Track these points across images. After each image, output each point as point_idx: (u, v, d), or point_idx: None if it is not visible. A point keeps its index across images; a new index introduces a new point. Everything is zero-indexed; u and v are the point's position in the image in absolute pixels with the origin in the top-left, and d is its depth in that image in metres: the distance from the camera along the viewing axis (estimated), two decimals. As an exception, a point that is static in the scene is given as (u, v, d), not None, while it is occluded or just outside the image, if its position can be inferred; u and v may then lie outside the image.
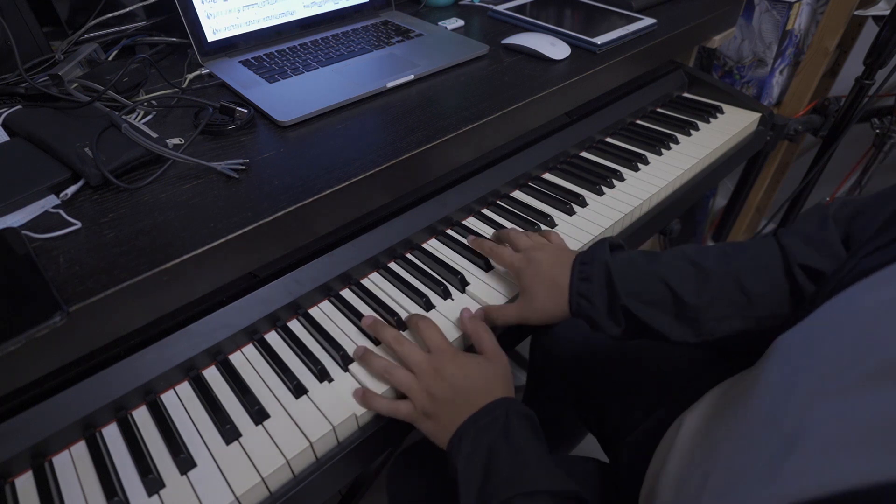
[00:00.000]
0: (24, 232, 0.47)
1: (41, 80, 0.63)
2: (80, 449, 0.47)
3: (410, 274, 0.63)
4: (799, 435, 0.30)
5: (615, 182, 0.78)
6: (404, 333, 0.55)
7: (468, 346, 0.56)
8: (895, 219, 0.38)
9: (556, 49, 0.78)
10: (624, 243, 0.56)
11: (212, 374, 0.53)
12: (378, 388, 0.51)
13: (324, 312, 0.59)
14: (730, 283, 0.49)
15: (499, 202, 0.74)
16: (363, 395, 0.50)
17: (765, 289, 0.49)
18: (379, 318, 0.56)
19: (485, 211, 0.73)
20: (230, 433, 0.47)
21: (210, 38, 0.72)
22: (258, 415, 0.48)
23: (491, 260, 0.63)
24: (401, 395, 0.51)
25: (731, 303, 0.49)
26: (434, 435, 0.49)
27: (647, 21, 0.86)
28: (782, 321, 0.49)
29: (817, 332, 0.35)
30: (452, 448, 0.46)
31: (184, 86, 0.69)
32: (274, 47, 0.76)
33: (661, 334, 0.51)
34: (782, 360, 0.37)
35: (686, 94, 1.01)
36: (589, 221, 0.71)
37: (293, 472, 0.47)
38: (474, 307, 0.58)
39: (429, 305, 0.59)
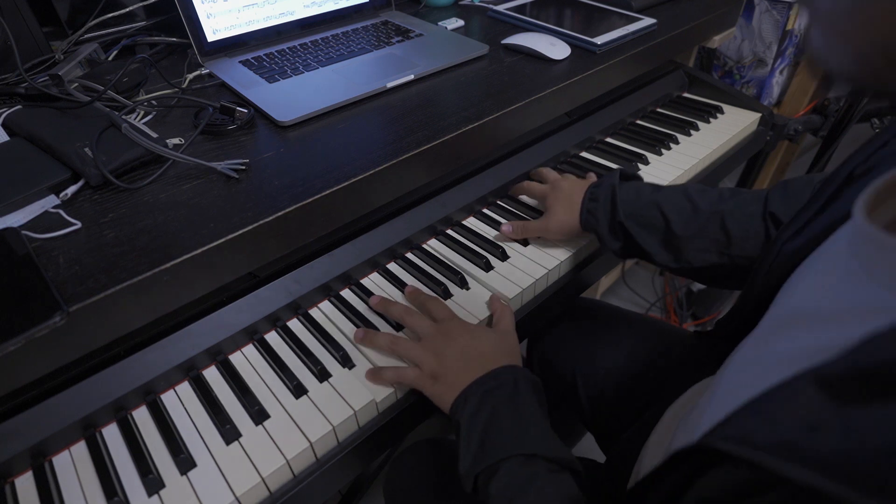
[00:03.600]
0: (24, 232, 0.47)
1: (41, 80, 0.63)
2: (80, 449, 0.47)
3: (410, 274, 0.63)
4: (716, 391, 0.33)
5: (615, 182, 0.78)
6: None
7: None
8: (810, 202, 0.41)
9: (556, 49, 0.78)
10: (637, 174, 0.65)
11: (212, 374, 0.53)
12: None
13: (324, 312, 0.59)
14: (715, 221, 0.55)
15: (499, 202, 0.74)
16: (372, 374, 0.51)
17: (743, 232, 0.54)
18: (385, 297, 0.59)
19: (485, 211, 0.73)
20: (230, 433, 0.47)
21: (210, 38, 0.72)
22: (258, 415, 0.48)
23: (527, 196, 0.73)
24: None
25: (711, 240, 0.55)
26: (440, 396, 0.49)
27: (647, 21, 0.86)
28: (752, 263, 0.53)
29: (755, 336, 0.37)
30: (457, 406, 0.47)
31: (184, 86, 0.69)
32: (274, 47, 0.76)
33: (648, 254, 0.59)
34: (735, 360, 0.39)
35: (686, 94, 1.01)
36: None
37: (293, 472, 0.47)
38: (474, 307, 0.58)
39: (429, 305, 0.59)
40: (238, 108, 0.62)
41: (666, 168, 0.81)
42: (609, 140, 0.88)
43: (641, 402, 0.63)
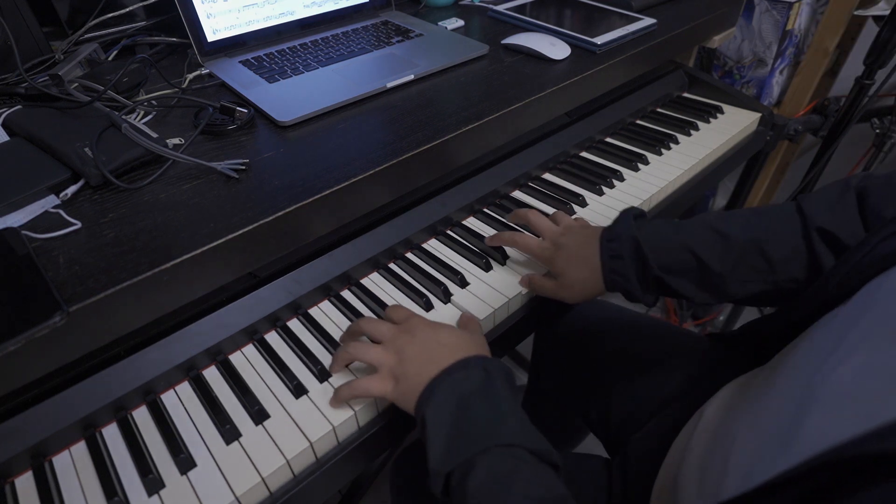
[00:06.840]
0: (24, 232, 0.47)
1: (41, 80, 0.63)
2: (80, 449, 0.47)
3: (410, 274, 0.63)
4: (815, 392, 0.29)
5: (615, 182, 0.78)
6: None
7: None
8: None
9: (556, 49, 0.78)
10: (643, 211, 0.57)
11: (212, 374, 0.53)
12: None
13: (324, 312, 0.59)
14: (752, 249, 0.50)
15: (499, 202, 0.74)
16: (333, 397, 0.48)
17: (785, 254, 0.49)
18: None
19: (485, 210, 0.73)
20: (230, 433, 0.47)
21: (210, 38, 0.72)
22: (258, 415, 0.48)
23: (516, 249, 0.62)
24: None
25: (752, 268, 0.50)
26: (404, 396, 0.45)
27: (647, 21, 0.86)
28: (799, 286, 0.50)
29: (839, 323, 0.35)
30: (423, 399, 0.43)
31: (184, 86, 0.69)
32: (274, 47, 0.76)
33: (684, 297, 0.54)
34: (802, 349, 0.37)
35: (686, 94, 1.01)
36: (589, 222, 0.70)
37: (293, 472, 0.47)
38: (474, 307, 0.58)
39: (429, 306, 0.59)
40: (238, 108, 0.62)
41: (666, 168, 0.81)
42: (609, 140, 0.88)
43: (654, 403, 0.63)
